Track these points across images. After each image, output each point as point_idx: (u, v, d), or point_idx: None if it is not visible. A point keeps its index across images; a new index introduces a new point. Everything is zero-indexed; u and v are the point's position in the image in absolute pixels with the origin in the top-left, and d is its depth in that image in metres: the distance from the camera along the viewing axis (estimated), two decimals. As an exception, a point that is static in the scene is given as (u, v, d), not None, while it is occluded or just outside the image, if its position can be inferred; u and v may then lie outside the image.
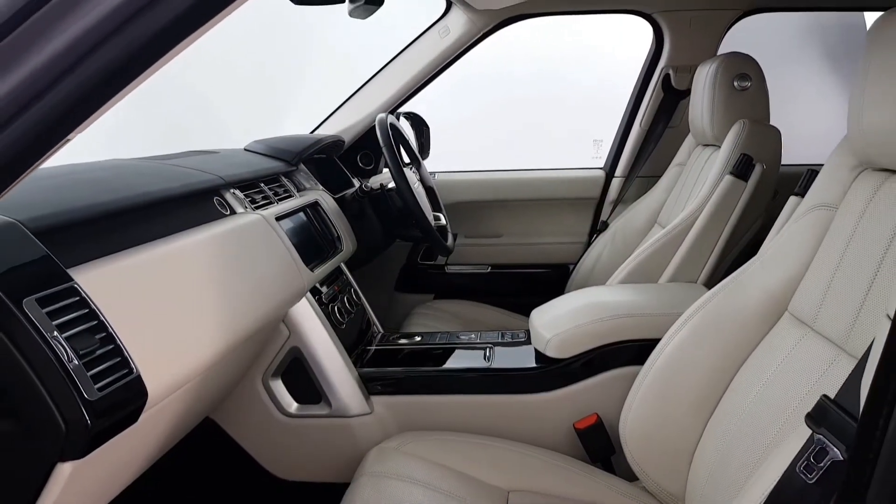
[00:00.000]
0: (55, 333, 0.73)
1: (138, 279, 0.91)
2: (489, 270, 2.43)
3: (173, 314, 0.93)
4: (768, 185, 1.67)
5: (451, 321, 2.04)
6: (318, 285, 1.53)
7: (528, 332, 1.57)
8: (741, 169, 1.59)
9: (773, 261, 1.16)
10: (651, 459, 1.21)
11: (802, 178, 1.37)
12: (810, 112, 2.66)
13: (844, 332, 0.96)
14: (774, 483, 0.77)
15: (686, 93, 2.12)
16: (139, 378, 0.81)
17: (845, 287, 1.00)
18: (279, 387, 1.40)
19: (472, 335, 1.64)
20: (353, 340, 1.55)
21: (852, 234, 1.02)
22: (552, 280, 2.34)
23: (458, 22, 2.11)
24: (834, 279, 1.02)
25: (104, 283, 0.85)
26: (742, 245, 1.73)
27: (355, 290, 1.72)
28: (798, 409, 0.98)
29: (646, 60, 2.25)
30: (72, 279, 0.80)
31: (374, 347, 1.60)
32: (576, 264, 2.30)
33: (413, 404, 1.42)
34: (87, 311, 0.79)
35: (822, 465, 0.73)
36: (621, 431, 1.25)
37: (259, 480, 1.42)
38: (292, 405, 1.41)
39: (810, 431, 0.77)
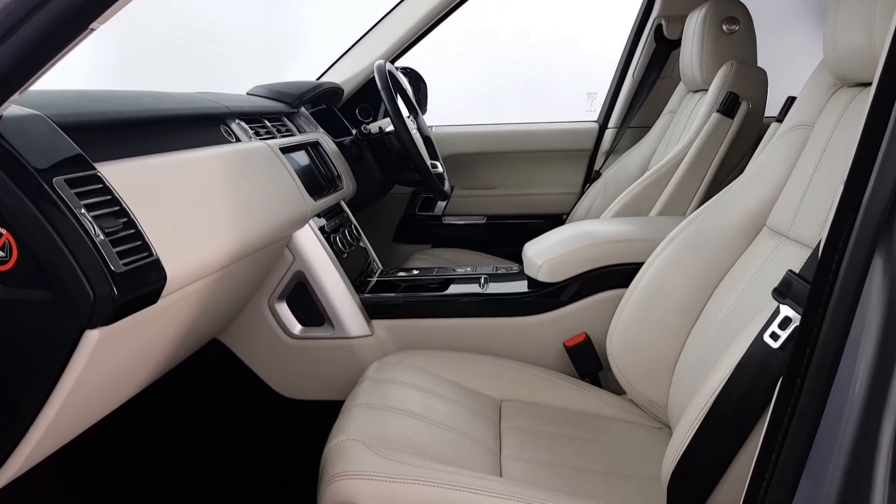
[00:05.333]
0: (83, 210, 0.79)
1: (155, 179, 0.97)
2: (485, 221, 2.49)
3: (187, 213, 1.00)
4: (754, 123, 1.73)
5: (447, 265, 2.11)
6: (319, 217, 1.59)
7: (520, 267, 1.63)
8: (728, 107, 1.65)
9: (754, 180, 1.22)
10: (636, 372, 1.28)
11: (783, 106, 1.43)
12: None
13: (815, 234, 1.03)
14: (743, 353, 0.84)
15: (677, 43, 2.17)
16: (158, 261, 0.87)
17: (818, 195, 1.06)
18: (284, 310, 1.47)
19: (468, 268, 1.70)
20: (354, 270, 1.61)
21: (826, 147, 1.08)
22: (546, 229, 2.40)
23: (455, -28, 2.15)
24: (808, 190, 1.09)
25: (123, 178, 0.91)
26: (729, 181, 1.79)
27: (356, 226, 1.78)
28: (769, 306, 1.05)
29: (639, 11, 2.30)
30: (95, 168, 0.86)
31: (374, 279, 1.67)
32: (569, 213, 2.37)
33: (412, 327, 1.49)
34: (109, 197, 0.85)
35: (786, 331, 0.80)
36: (608, 347, 1.32)
37: (266, 399, 1.49)
38: (297, 327, 1.48)
39: (776, 306, 0.84)
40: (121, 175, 0.90)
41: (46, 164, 0.80)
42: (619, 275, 1.43)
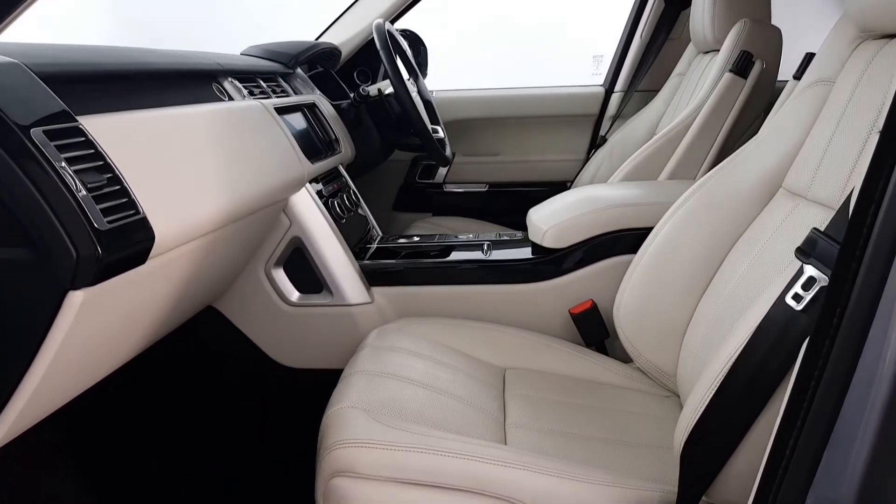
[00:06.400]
0: (63, 164, 0.74)
1: (142, 135, 0.92)
2: (487, 189, 2.44)
3: (177, 172, 0.95)
4: (767, 84, 1.67)
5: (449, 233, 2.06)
6: (317, 182, 1.54)
7: (525, 234, 1.59)
8: (741, 66, 1.59)
9: (770, 140, 1.17)
10: (644, 339, 1.25)
11: (801, 62, 1.37)
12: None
13: (836, 194, 0.98)
14: (763, 316, 0.79)
15: (687, 3, 2.10)
16: (146, 219, 0.82)
17: (840, 153, 1.01)
18: (281, 276, 1.43)
19: (470, 235, 1.66)
20: (353, 237, 1.57)
21: (848, 102, 1.03)
22: (550, 197, 2.36)
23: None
24: (829, 148, 1.04)
25: (108, 132, 0.85)
26: (741, 145, 1.74)
27: (354, 192, 1.73)
28: (788, 269, 1.00)
29: (648, -30, 2.22)
30: (77, 120, 0.81)
31: (374, 245, 1.62)
32: (573, 180, 2.32)
33: (412, 294, 1.45)
34: (92, 151, 0.80)
35: (809, 292, 0.75)
36: (615, 314, 1.28)
37: (263, 367, 1.46)
38: (294, 294, 1.44)
39: (798, 267, 0.79)
40: (105, 129, 0.85)
41: (24, 115, 0.74)
42: (627, 240, 1.39)
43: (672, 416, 1.17)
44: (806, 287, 0.76)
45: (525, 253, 1.49)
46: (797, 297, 0.76)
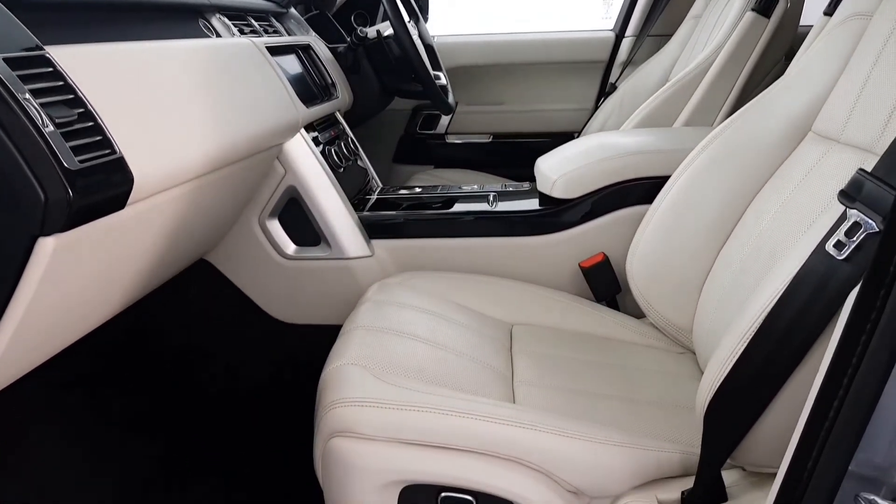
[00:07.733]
0: (27, 96, 0.67)
1: (119, 68, 0.84)
2: (490, 140, 2.35)
3: (159, 110, 0.87)
4: (791, 25, 1.57)
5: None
6: (313, 129, 1.46)
7: (532, 185, 1.51)
8: (764, 4, 1.49)
9: (799, 79, 1.09)
10: (658, 293, 1.19)
11: (834, -4, 1.28)
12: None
13: (874, 136, 0.90)
14: (800, 266, 0.73)
15: (704, -61, 1.97)
16: (123, 160, 0.75)
17: (878, 92, 0.93)
18: (276, 228, 1.36)
19: (475, 186, 1.59)
20: (352, 187, 1.49)
21: (889, 35, 0.94)
22: (557, 147, 2.27)
23: None
24: (865, 87, 0.95)
25: (80, 63, 0.77)
26: (761, 90, 1.65)
27: (353, 140, 1.65)
28: (820, 218, 0.93)
29: None
30: (44, 49, 0.73)
31: (374, 197, 1.55)
32: (581, 131, 2.23)
33: (415, 247, 1.38)
34: (61, 83, 0.72)
35: (854, 239, 0.69)
36: (628, 267, 1.22)
37: (259, 323, 1.40)
38: (290, 247, 1.37)
39: (840, 213, 0.73)
40: (77, 60, 0.77)
41: (-21, 40, 0.66)
42: (641, 189, 1.31)
43: (688, 373, 1.12)
44: (850, 234, 0.69)
45: (533, 204, 1.42)
46: (839, 245, 0.69)
